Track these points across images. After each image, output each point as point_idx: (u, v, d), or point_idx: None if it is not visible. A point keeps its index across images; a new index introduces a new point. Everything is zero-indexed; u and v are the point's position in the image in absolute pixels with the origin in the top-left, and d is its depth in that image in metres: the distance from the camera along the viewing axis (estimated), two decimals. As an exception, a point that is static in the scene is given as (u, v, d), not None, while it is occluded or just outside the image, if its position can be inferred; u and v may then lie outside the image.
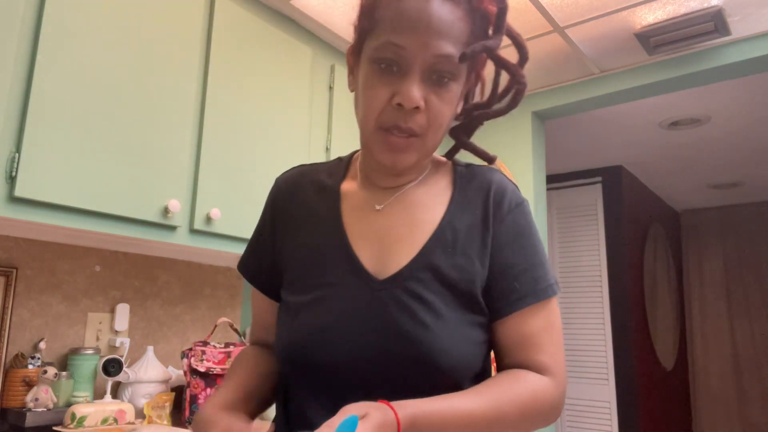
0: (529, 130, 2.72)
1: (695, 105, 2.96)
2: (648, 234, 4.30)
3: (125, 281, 1.87)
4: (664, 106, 2.98)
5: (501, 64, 0.75)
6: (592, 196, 3.98)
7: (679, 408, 4.61)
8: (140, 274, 1.92)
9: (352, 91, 0.79)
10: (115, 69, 1.47)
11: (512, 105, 0.77)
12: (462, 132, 0.82)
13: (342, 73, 2.20)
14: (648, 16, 2.10)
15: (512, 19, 2.11)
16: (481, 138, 2.83)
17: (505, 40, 0.74)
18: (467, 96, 0.80)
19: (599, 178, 3.96)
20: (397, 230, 0.76)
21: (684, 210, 5.16)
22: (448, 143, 0.86)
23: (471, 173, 0.82)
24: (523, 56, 0.76)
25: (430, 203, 0.78)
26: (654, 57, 2.39)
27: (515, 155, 2.73)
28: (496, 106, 0.79)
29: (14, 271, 1.60)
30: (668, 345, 4.48)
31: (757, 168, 3.95)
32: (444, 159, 0.85)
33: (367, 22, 0.73)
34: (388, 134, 0.70)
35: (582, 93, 2.61)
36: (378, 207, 0.78)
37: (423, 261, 0.73)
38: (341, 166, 0.85)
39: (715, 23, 2.09)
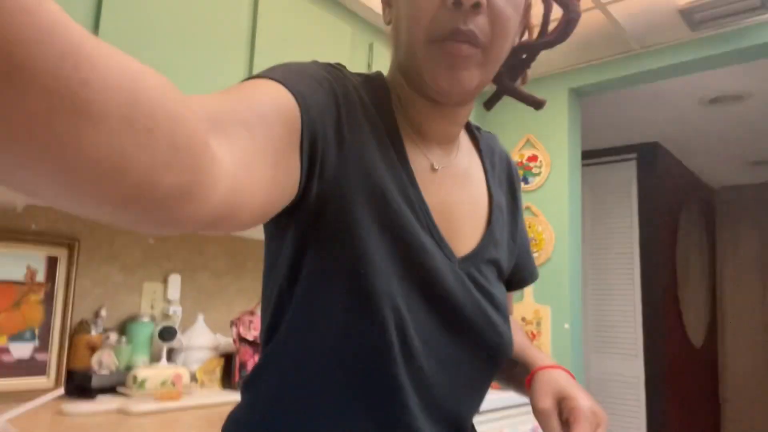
0: (565, 107, 2.71)
1: (736, 81, 2.91)
2: (682, 211, 4.26)
3: (176, 253, 1.97)
4: (704, 82, 2.93)
5: None
6: (627, 173, 3.94)
7: (707, 384, 4.62)
8: (190, 247, 2.01)
9: (388, 23, 0.65)
10: (162, 48, 1.53)
11: (563, 36, 0.68)
12: (506, 76, 0.71)
13: (381, 52, 2.22)
14: (693, -7, 2.07)
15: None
16: (516, 114, 2.83)
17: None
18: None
19: (634, 155, 3.92)
20: (459, 206, 0.66)
21: (721, 187, 5.08)
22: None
23: (487, 139, 0.76)
24: None
25: (473, 173, 0.70)
26: (697, 33, 2.36)
27: (551, 132, 2.73)
28: (544, 39, 0.69)
29: (77, 243, 1.70)
30: (699, 323, 4.47)
31: (798, 145, 3.87)
32: None
33: None
34: (444, 44, 0.56)
35: (621, 70, 2.58)
36: (436, 167, 0.65)
37: (487, 244, 0.67)
38: (383, 93, 0.64)
39: (762, -1, 2.05)
